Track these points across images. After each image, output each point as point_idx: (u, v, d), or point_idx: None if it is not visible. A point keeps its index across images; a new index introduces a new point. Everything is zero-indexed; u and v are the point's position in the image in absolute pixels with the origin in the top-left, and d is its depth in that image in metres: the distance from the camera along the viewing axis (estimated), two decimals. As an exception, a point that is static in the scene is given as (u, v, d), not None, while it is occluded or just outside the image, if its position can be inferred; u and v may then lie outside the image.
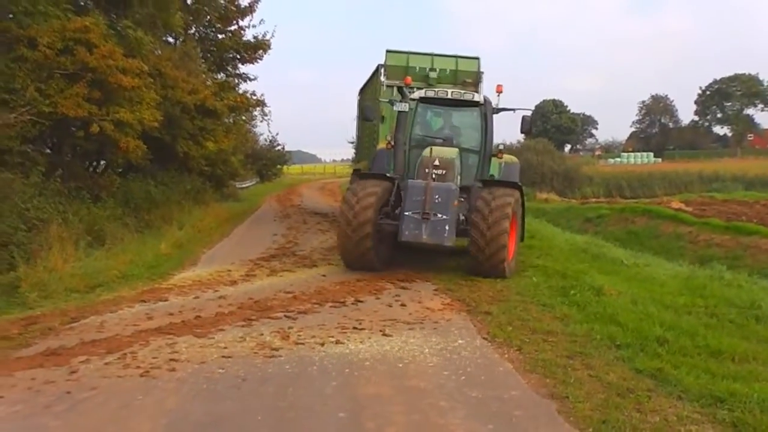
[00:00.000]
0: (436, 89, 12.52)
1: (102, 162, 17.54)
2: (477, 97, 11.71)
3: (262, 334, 6.79)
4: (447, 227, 9.61)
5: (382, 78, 16.28)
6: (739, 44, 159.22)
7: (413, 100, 12.04)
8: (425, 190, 9.71)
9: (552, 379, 5.49)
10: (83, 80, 13.16)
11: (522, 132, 11.98)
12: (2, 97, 12.72)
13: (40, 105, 12.80)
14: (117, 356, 6.12)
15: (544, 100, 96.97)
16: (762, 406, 4.78)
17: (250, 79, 26.83)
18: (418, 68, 16.04)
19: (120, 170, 17.56)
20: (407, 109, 11.71)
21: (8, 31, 13.38)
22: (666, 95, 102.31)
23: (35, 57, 12.93)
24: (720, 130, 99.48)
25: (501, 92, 12.26)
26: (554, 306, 8.10)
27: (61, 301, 9.01)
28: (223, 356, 6.07)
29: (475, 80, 15.80)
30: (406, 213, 9.78)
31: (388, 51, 16.47)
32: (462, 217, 10.32)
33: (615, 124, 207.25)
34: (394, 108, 11.83)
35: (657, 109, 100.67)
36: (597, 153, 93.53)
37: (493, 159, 11.79)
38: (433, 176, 10.14)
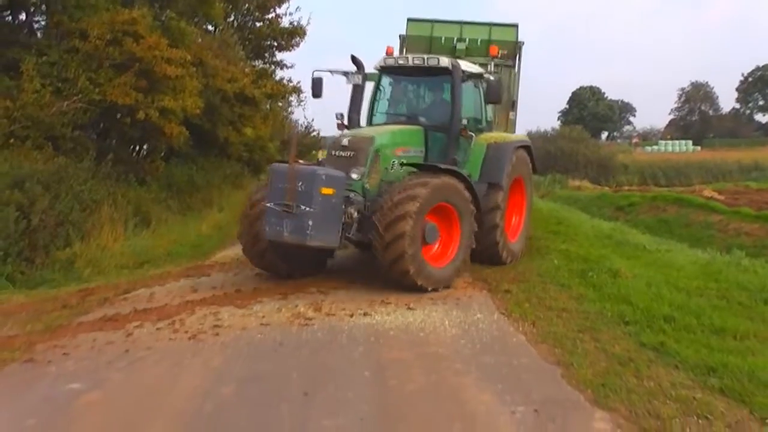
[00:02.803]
0: (398, 56, 10.54)
1: (144, 147, 18.40)
2: (444, 62, 9.46)
3: (296, 306, 7.41)
4: (310, 222, 7.57)
5: (399, 51, 13.78)
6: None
7: (377, 70, 10.28)
8: (288, 175, 7.72)
9: (560, 349, 5.98)
10: (131, 70, 13.93)
11: (489, 102, 9.91)
12: (56, 86, 13.55)
13: (90, 93, 13.62)
14: (167, 322, 6.80)
15: (580, 87, 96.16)
16: (750, 376, 5.21)
17: (287, 67, 27.50)
18: (444, 39, 13.83)
19: (162, 155, 18.40)
20: (360, 82, 10.06)
21: (61, 24, 14.24)
22: (706, 82, 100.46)
23: (86, 48, 13.73)
24: (762, 118, 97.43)
25: (496, 56, 11.18)
26: (571, 286, 8.54)
27: (113, 276, 9.81)
28: (261, 324, 6.72)
29: (512, 51, 13.38)
30: (268, 204, 7.95)
31: (409, 20, 14.25)
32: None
33: (653, 112, 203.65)
34: (347, 81, 10.13)
35: (697, 96, 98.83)
36: (634, 141, 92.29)
37: (478, 138, 9.87)
38: (341, 159, 8.47)
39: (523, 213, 10.92)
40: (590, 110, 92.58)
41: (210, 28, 22.66)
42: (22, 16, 15.70)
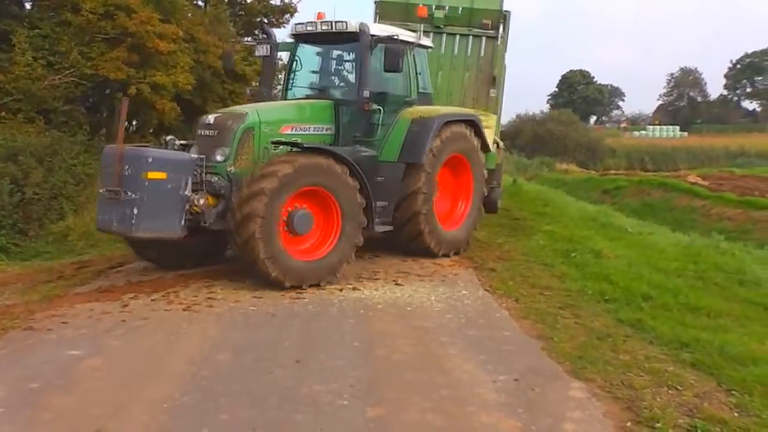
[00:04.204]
0: (307, 21, 9.04)
1: (134, 122, 18.44)
2: (352, 26, 8.40)
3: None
4: (135, 211, 6.67)
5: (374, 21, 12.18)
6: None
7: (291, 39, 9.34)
8: (116, 157, 6.85)
9: (542, 324, 6.24)
10: (123, 44, 13.98)
11: (387, 70, 8.27)
12: (48, 59, 13.62)
13: (82, 67, 13.70)
14: (161, 294, 7.00)
15: (571, 71, 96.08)
16: (721, 350, 5.49)
17: (279, 44, 27.34)
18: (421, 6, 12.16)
19: (151, 131, 18.45)
20: (268, 53, 9.16)
21: (53, -5, 14.24)
22: (695, 68, 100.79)
23: (78, 21, 13.78)
24: (750, 105, 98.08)
25: (424, 17, 9.97)
26: (555, 266, 8.80)
27: (106, 249, 9.97)
28: (254, 297, 6.93)
29: (495, 21, 11.94)
30: (100, 191, 7.19)
31: None
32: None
33: (642, 97, 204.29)
34: (256, 53, 9.40)
35: (686, 82, 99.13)
36: (623, 125, 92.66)
37: (403, 114, 8.86)
38: (207, 139, 7.65)
39: (470, 197, 9.73)
40: (580, 94, 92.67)
41: (200, 3, 22.58)
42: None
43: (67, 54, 13.66)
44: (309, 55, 9.37)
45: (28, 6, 15.56)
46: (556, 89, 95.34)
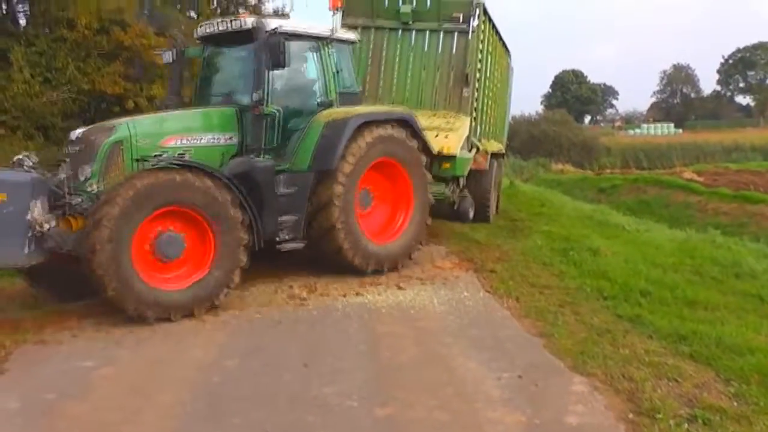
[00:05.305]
0: (208, 22, 8.50)
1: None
2: (247, 23, 7.68)
3: (291, 287, 7.71)
4: None
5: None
6: (763, 12, 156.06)
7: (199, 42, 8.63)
8: None
9: (543, 322, 6.37)
10: (119, 59, 14.10)
11: (270, 68, 7.47)
12: (45, 75, 13.73)
13: (79, 83, 13.80)
14: (168, 305, 7.08)
15: (563, 71, 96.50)
16: (718, 342, 5.63)
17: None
18: (387, 1, 11.42)
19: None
20: (171, 60, 8.60)
21: (48, 12, 14.37)
22: (687, 64, 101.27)
23: (74, 37, 13.91)
24: (743, 100, 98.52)
25: (339, 7, 8.75)
26: (553, 264, 8.94)
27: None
28: (259, 305, 7.04)
29: (467, 14, 10.89)
30: None
31: None
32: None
33: (636, 95, 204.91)
34: (163, 60, 8.83)
35: (679, 78, 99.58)
36: (617, 124, 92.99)
37: (317, 117, 7.98)
38: (74, 156, 6.86)
39: (410, 208, 8.69)
40: (573, 93, 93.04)
41: (193, 15, 22.71)
42: (5, 6, 15.78)
43: (63, 70, 13.77)
44: (216, 58, 8.68)
45: (23, 23, 15.70)
46: (550, 90, 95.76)
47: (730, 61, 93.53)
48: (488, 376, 5.02)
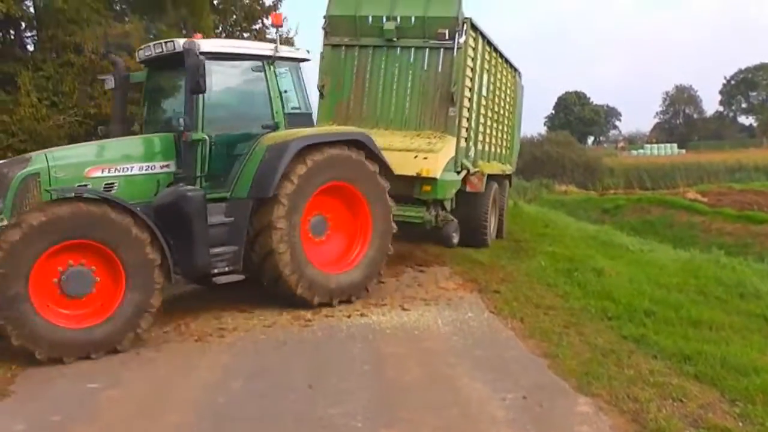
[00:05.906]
0: (146, 45, 8.09)
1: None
2: (179, 45, 7.21)
3: (296, 309, 7.74)
4: None
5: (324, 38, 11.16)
6: (765, 33, 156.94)
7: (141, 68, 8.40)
8: None
9: (547, 343, 6.38)
10: (125, 83, 14.23)
11: (191, 92, 6.99)
12: (52, 99, 13.87)
13: (86, 107, 13.94)
14: (172, 326, 7.11)
15: (566, 92, 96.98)
16: (723, 362, 5.64)
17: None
18: (371, 18, 10.95)
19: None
20: (112, 86, 8.34)
21: (56, 38, 14.54)
22: (690, 85, 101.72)
23: (81, 62, 14.05)
24: (745, 120, 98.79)
25: (280, 25, 8.59)
26: (557, 285, 8.94)
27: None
28: (264, 326, 7.07)
29: (452, 30, 10.40)
30: None
31: None
32: None
33: (639, 116, 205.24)
34: (106, 86, 8.51)
35: (681, 99, 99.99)
36: (620, 145, 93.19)
37: (261, 140, 7.55)
38: None
39: (368, 236, 8.20)
40: (576, 115, 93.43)
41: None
42: (12, 32, 15.98)
43: (70, 94, 13.92)
44: (157, 82, 8.30)
45: (31, 48, 15.91)
46: (553, 111, 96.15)
47: (733, 82, 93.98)
48: (493, 396, 5.02)
